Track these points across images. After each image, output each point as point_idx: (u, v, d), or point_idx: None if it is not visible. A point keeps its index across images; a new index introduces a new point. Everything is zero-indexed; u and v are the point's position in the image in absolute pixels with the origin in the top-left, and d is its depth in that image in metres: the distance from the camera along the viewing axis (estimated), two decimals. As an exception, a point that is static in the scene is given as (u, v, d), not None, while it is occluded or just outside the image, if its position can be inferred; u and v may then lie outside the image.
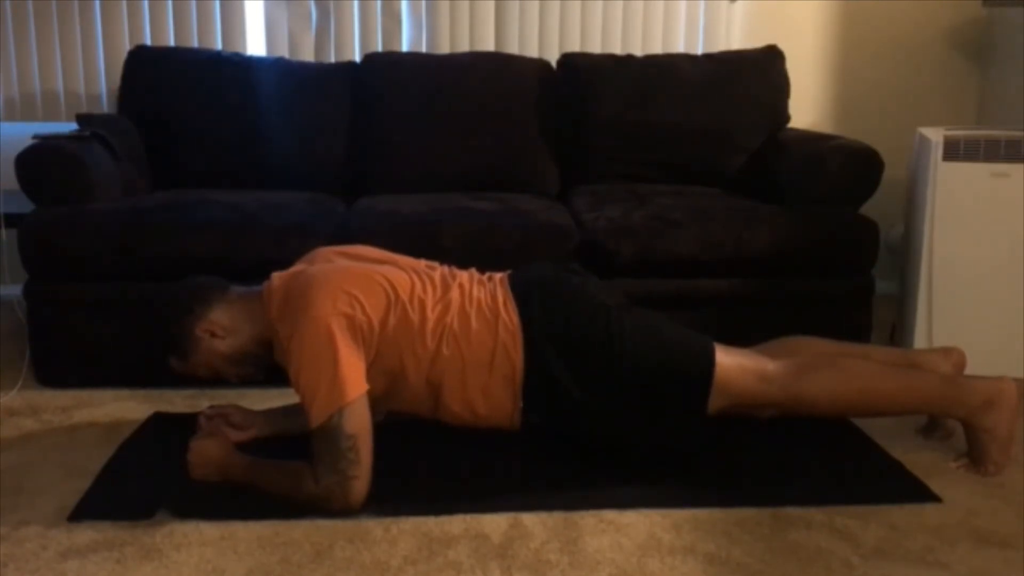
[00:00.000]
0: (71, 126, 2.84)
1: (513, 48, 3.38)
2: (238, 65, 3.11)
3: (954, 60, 3.55)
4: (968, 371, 2.69)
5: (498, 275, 2.10)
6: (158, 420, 2.30)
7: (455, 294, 1.99)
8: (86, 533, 1.75)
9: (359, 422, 1.79)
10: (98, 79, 3.31)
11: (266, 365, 2.02)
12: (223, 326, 1.96)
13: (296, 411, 2.18)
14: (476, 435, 2.21)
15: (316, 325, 1.80)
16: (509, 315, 1.97)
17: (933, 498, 1.91)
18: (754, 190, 2.92)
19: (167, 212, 2.57)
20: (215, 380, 2.06)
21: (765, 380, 1.98)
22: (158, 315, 2.02)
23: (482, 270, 2.14)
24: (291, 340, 1.82)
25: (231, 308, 1.98)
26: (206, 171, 3.02)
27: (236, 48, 3.32)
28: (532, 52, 3.38)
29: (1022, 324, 2.67)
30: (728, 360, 1.98)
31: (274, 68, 3.14)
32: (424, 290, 1.98)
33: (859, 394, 2.02)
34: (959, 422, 2.09)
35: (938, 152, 2.69)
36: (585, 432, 2.03)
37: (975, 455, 2.06)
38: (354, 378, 1.80)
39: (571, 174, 3.12)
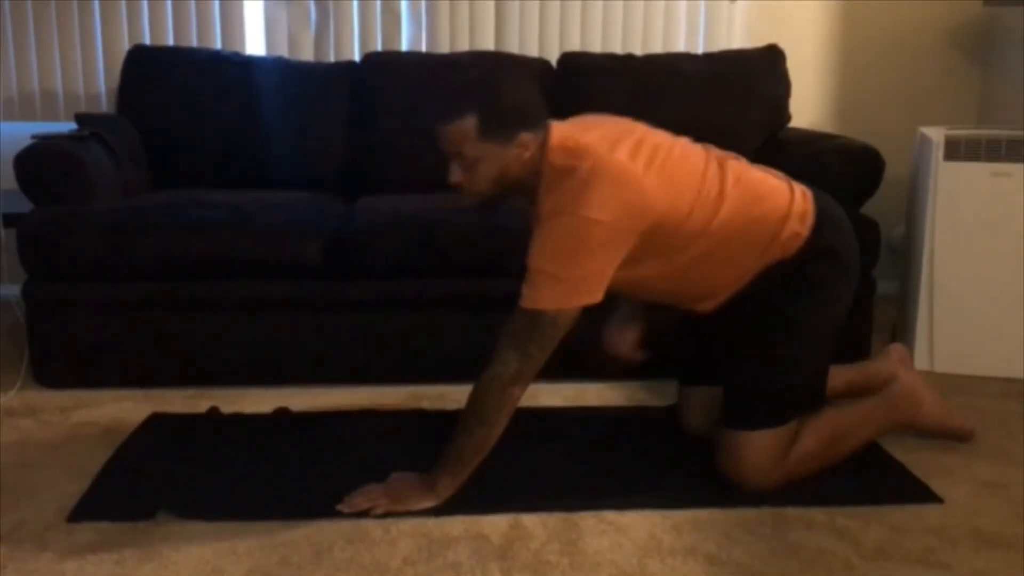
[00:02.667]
0: (70, 126, 2.83)
1: (513, 48, 3.38)
2: (237, 65, 3.11)
3: (955, 59, 3.54)
4: (968, 370, 2.70)
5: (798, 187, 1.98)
6: (157, 421, 2.30)
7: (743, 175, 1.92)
8: (85, 534, 1.74)
9: (567, 325, 1.79)
10: (97, 79, 3.30)
11: (494, 205, 1.93)
12: (530, 151, 1.83)
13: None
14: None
15: (582, 223, 1.73)
16: (806, 206, 1.91)
17: (934, 499, 1.91)
18: (754, 190, 2.91)
19: (166, 212, 2.56)
20: (443, 178, 1.88)
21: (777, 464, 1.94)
22: (510, 88, 1.90)
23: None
24: (552, 217, 1.76)
25: (541, 147, 1.85)
26: (205, 171, 3.02)
27: (235, 48, 3.31)
28: (532, 52, 3.37)
29: (1022, 324, 2.67)
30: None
31: (273, 68, 3.14)
32: (712, 174, 1.89)
33: (831, 445, 2.00)
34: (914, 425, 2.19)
35: (939, 152, 2.69)
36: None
37: (940, 430, 2.19)
38: (593, 287, 1.78)
39: (571, 174, 3.12)
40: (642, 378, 2.56)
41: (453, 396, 2.47)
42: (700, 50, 3.43)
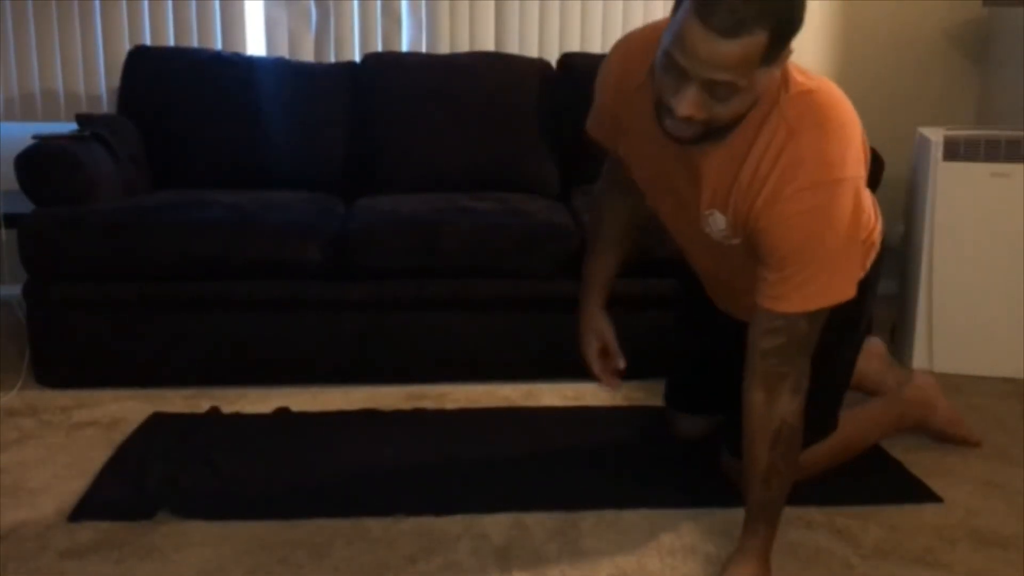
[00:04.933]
0: (71, 126, 2.83)
1: (513, 48, 3.38)
2: (238, 65, 3.11)
3: (954, 60, 3.54)
4: (968, 370, 2.70)
5: None
6: (157, 421, 2.30)
7: None
8: (86, 533, 1.75)
9: None
10: (98, 79, 3.30)
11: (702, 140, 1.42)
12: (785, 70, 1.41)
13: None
14: (476, 435, 2.21)
15: (848, 190, 1.39)
16: None
17: (933, 498, 1.91)
18: (754, 190, 2.91)
19: (167, 212, 2.57)
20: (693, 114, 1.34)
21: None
22: None
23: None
24: (809, 191, 1.38)
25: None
26: (206, 171, 3.02)
27: (236, 48, 3.31)
28: (532, 52, 3.38)
29: (1022, 324, 2.67)
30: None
31: (274, 68, 3.14)
32: None
33: (842, 448, 1.96)
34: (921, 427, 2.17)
35: (938, 152, 2.69)
36: None
37: (946, 436, 2.17)
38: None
39: (571, 174, 3.12)
40: (640, 378, 2.56)
41: (453, 396, 2.47)
42: (700, 50, 3.43)
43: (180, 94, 3.05)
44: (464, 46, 3.37)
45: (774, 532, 1.60)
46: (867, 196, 1.56)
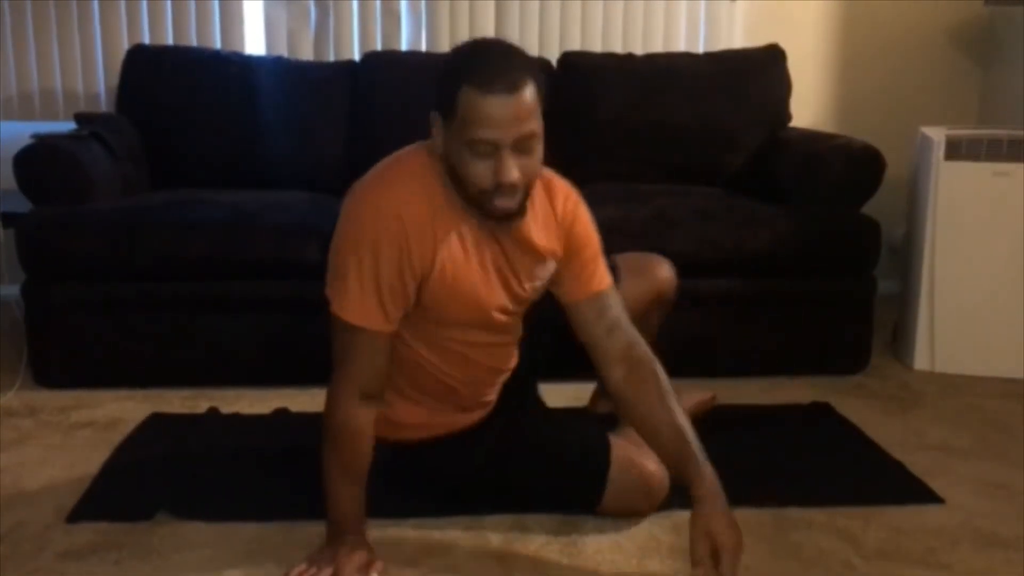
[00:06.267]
0: (69, 125, 2.83)
1: (513, 47, 3.37)
2: (237, 64, 3.11)
3: (956, 59, 3.54)
4: (968, 370, 2.70)
5: None
6: (156, 421, 2.29)
7: None
8: (85, 534, 1.74)
9: None
10: (96, 78, 3.30)
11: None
12: None
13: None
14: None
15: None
16: None
17: (935, 499, 1.90)
18: (755, 190, 2.91)
19: (166, 212, 2.56)
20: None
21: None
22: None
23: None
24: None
25: None
26: (205, 170, 3.01)
27: (235, 47, 3.31)
28: (532, 52, 3.37)
29: (1022, 324, 2.66)
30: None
31: (273, 67, 3.13)
32: None
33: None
34: None
35: (940, 151, 2.69)
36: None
37: None
38: None
39: (571, 174, 3.11)
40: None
41: (453, 396, 2.46)
42: (700, 50, 3.43)
43: (179, 93, 3.05)
44: (464, 45, 3.36)
45: (712, 468, 1.55)
46: None
